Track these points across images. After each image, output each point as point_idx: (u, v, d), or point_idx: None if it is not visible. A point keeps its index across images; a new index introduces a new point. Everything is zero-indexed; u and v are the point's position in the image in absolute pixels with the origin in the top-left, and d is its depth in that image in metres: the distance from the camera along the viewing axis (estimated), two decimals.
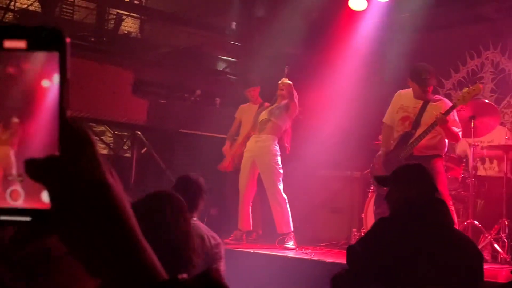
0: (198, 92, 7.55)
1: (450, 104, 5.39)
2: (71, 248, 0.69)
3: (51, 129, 0.69)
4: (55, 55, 0.69)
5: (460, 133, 5.43)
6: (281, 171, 6.14)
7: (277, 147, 6.20)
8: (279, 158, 6.17)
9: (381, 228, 2.96)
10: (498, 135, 6.55)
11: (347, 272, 2.73)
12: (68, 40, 0.70)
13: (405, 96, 5.60)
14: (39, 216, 0.68)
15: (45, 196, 0.68)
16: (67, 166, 0.68)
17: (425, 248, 2.79)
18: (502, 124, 6.96)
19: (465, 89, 5.31)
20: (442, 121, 5.18)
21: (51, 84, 0.69)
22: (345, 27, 7.81)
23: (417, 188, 3.03)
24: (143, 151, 7.91)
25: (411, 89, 5.56)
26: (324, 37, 7.96)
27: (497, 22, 7.30)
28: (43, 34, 0.69)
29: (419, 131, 5.34)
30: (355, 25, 7.77)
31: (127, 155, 8.37)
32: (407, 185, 3.06)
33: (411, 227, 2.84)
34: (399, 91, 5.71)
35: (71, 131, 0.70)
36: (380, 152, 5.64)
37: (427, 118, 5.33)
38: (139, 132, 7.85)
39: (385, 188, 5.19)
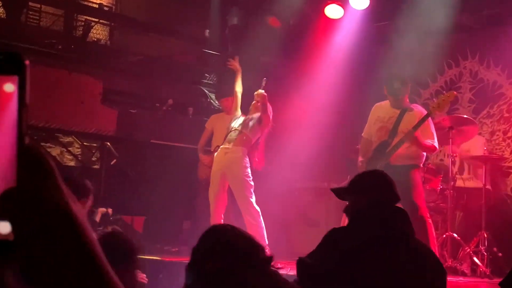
0: (170, 101, 7.45)
1: (425, 112, 5.43)
2: (33, 281, 0.68)
3: (9, 156, 0.67)
4: (15, 79, 0.68)
5: (435, 144, 5.42)
6: (252, 183, 6.11)
7: (247, 159, 6.17)
8: (249, 170, 6.15)
9: (333, 238, 2.78)
10: (476, 145, 6.63)
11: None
12: (27, 63, 0.69)
13: (382, 108, 5.68)
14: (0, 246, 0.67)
15: (4, 227, 0.67)
16: (29, 196, 0.67)
17: (381, 260, 2.62)
18: (480, 134, 7.08)
19: (440, 96, 5.41)
20: (409, 138, 5.22)
21: (9, 109, 0.68)
22: (321, 35, 7.86)
23: (375, 195, 2.86)
24: (112, 162, 7.88)
25: (387, 100, 5.66)
26: (300, 46, 8.05)
27: (475, 31, 7.36)
28: (1, 58, 0.68)
29: (396, 140, 5.38)
30: (332, 34, 7.83)
31: (95, 167, 8.30)
32: (365, 192, 2.88)
33: (366, 237, 2.66)
34: (376, 104, 5.77)
35: (30, 158, 0.68)
36: (358, 163, 5.70)
37: (404, 126, 5.37)
38: (108, 143, 7.81)
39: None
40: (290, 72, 8.11)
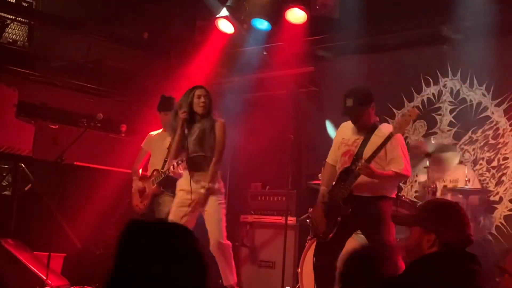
0: (100, 116, 7.11)
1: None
2: None
3: None
4: None
5: (403, 170, 5.21)
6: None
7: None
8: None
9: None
10: (458, 176, 6.62)
11: None
12: None
13: (347, 129, 5.49)
14: None
15: None
16: None
17: None
18: (461, 163, 6.97)
19: (400, 115, 5.19)
20: (364, 171, 5.08)
21: None
22: None
23: (463, 230, 2.91)
24: (27, 188, 7.70)
25: None
26: None
27: (457, 43, 7.32)
28: None
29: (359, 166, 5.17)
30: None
31: (6, 193, 8.04)
32: (450, 226, 2.93)
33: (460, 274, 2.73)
34: (343, 123, 5.60)
35: None
36: (320, 191, 5.51)
37: (370, 150, 5.19)
38: (22, 165, 7.65)
39: (330, 235, 5.20)
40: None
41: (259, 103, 8.57)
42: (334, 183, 5.40)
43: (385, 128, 5.34)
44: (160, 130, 6.99)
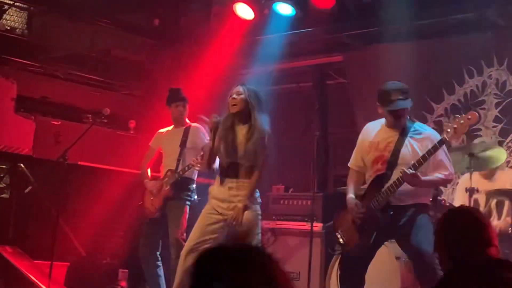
0: (106, 111, 7.03)
1: (437, 137, 5.11)
2: None
3: None
4: None
5: (449, 174, 5.18)
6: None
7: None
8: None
9: None
10: (503, 180, 6.43)
11: None
12: None
13: (374, 130, 5.37)
14: None
15: None
16: None
17: None
18: (509, 163, 7.01)
19: (456, 119, 5.08)
20: (411, 180, 4.98)
21: None
22: None
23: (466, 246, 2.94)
24: (26, 190, 7.69)
25: (383, 119, 5.36)
26: None
27: (504, 29, 7.27)
28: None
29: (396, 173, 5.08)
30: None
31: (4, 195, 8.02)
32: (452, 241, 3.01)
33: None
34: (367, 124, 5.52)
35: None
36: (348, 202, 5.33)
37: (409, 154, 5.12)
38: (22, 165, 7.64)
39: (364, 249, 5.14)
40: None
41: (281, 97, 8.48)
42: (365, 191, 5.27)
43: (425, 130, 5.27)
44: (170, 127, 6.88)
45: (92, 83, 8.58)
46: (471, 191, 6.05)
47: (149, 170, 6.93)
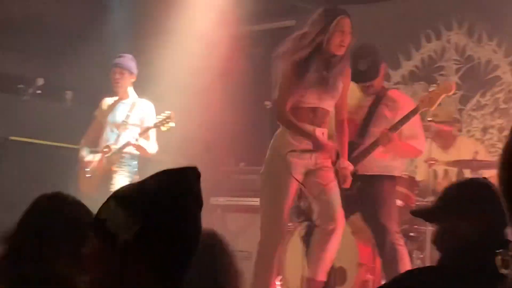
0: (40, 81, 7.24)
1: (412, 104, 5.32)
2: None
3: None
4: None
5: (421, 146, 5.47)
6: None
7: None
8: None
9: (413, 281, 2.69)
10: (463, 150, 6.62)
11: None
12: None
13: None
14: None
15: None
16: None
17: None
18: (469, 131, 7.22)
19: (432, 88, 5.33)
20: (385, 140, 5.18)
21: None
22: None
23: (490, 218, 2.64)
24: None
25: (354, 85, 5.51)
26: None
27: None
28: None
29: (367, 141, 5.29)
30: None
31: None
32: (473, 214, 2.72)
33: (461, 283, 2.57)
34: None
35: None
36: None
37: (379, 123, 5.29)
38: None
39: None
40: None
41: (232, 65, 8.42)
42: None
43: (398, 96, 5.50)
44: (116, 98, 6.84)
45: (25, 48, 8.35)
46: (428, 161, 6.17)
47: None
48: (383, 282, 5.15)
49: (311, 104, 4.77)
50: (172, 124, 6.51)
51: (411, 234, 6.24)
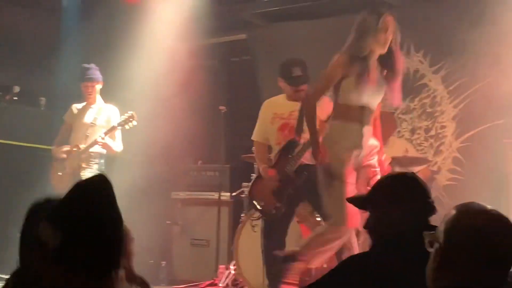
0: (16, 89, 7.41)
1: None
2: None
3: None
4: None
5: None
6: None
7: None
8: None
9: (349, 267, 2.72)
10: (395, 148, 6.69)
11: None
12: None
13: (276, 103, 5.76)
14: None
15: None
16: None
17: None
18: (399, 132, 7.30)
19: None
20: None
21: None
22: None
23: (414, 206, 2.77)
24: None
25: (283, 95, 5.74)
26: None
27: (392, 8, 6.98)
28: None
29: (304, 137, 5.35)
30: None
31: None
32: (400, 202, 2.80)
33: (392, 265, 2.57)
34: (266, 100, 5.90)
35: None
36: (260, 171, 5.71)
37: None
38: None
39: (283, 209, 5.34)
40: None
41: (187, 74, 8.34)
42: (276, 158, 5.59)
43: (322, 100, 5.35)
44: (84, 104, 7.04)
45: (2, 59, 8.01)
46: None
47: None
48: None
49: (360, 103, 4.77)
50: (134, 123, 6.67)
51: None
